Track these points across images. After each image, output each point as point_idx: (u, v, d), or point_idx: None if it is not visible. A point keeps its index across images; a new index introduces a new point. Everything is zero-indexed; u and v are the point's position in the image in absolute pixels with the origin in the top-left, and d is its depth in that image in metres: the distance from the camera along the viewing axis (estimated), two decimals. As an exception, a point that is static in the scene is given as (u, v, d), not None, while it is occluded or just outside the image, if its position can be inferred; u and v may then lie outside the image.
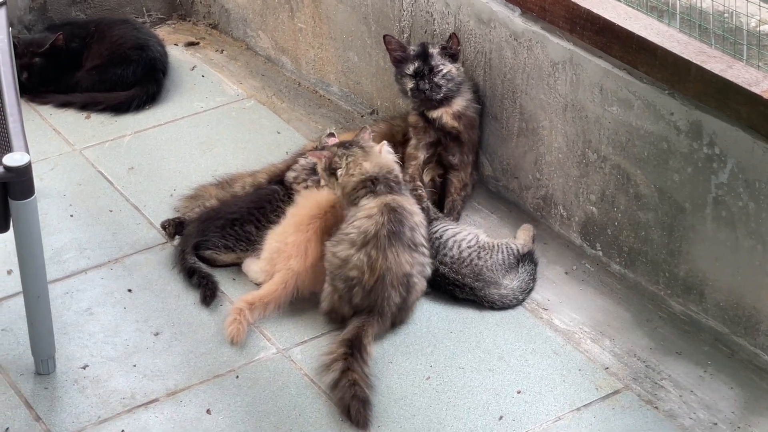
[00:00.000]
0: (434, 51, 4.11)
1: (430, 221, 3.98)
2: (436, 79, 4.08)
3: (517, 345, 3.72)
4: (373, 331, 3.67)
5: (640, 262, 3.87)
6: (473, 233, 3.97)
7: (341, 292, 3.72)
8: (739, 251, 3.55)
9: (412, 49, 4.16)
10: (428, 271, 3.80)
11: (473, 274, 3.86)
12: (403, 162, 4.17)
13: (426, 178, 4.21)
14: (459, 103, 4.15)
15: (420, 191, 4.11)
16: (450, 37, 4.12)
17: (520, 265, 3.92)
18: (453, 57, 4.12)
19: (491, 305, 3.84)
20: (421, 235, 3.77)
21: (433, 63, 4.09)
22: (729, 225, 3.55)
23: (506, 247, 3.92)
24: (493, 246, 3.92)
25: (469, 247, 3.90)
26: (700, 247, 3.66)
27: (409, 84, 4.13)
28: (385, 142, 4.07)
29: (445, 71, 4.09)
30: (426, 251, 3.79)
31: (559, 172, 4.06)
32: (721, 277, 3.63)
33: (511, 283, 3.87)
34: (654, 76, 3.60)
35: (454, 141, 4.17)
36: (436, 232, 3.95)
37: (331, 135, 4.07)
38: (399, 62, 4.18)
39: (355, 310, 3.72)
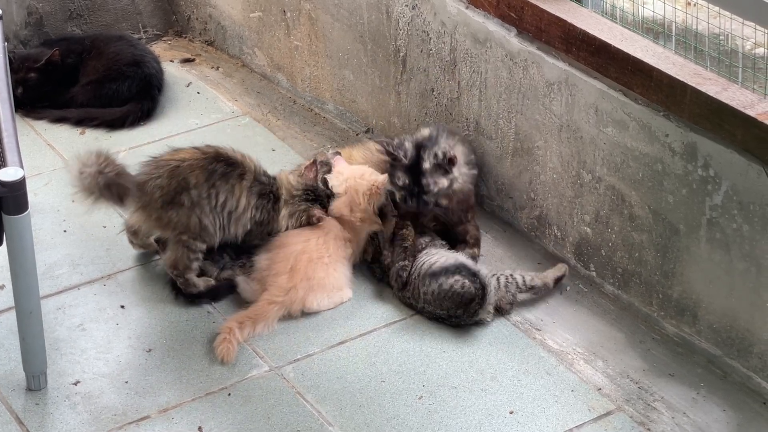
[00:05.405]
0: (427, 166, 3.89)
1: (413, 256, 3.94)
2: (425, 198, 3.90)
3: (510, 365, 3.71)
4: None
5: (634, 283, 3.87)
6: (453, 260, 3.87)
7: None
8: (733, 273, 3.55)
9: (404, 152, 3.92)
10: None
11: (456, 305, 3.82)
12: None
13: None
14: (452, 186, 3.97)
15: (405, 230, 3.96)
16: (449, 160, 3.89)
17: (526, 295, 3.87)
18: (448, 170, 3.92)
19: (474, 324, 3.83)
20: None
21: (424, 182, 3.88)
22: (723, 247, 3.55)
23: (506, 277, 3.86)
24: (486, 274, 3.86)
25: None
26: (694, 269, 3.66)
27: (398, 193, 3.94)
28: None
29: (436, 190, 3.90)
30: None
31: (554, 193, 4.05)
32: (715, 299, 3.63)
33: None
34: (649, 97, 3.60)
35: (446, 210, 4.03)
36: (414, 268, 3.88)
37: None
38: (391, 165, 3.95)
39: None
